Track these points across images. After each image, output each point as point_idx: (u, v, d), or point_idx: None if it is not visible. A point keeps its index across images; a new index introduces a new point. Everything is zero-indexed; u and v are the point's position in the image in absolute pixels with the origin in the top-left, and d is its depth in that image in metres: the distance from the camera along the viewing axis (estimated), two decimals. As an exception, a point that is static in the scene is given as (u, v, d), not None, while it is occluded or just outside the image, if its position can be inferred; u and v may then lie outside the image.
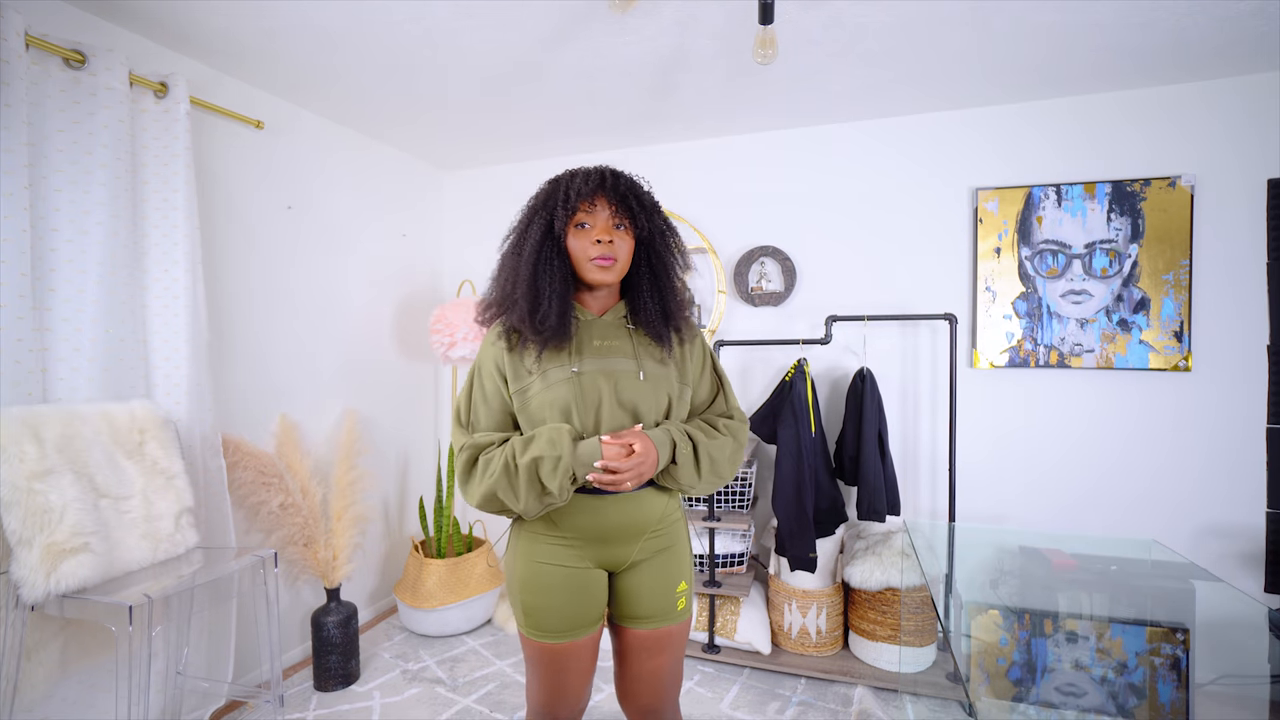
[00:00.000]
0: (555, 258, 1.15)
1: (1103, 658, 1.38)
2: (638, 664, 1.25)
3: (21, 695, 1.47)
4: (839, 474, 2.47)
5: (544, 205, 1.16)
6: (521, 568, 1.19)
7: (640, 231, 1.17)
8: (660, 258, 1.20)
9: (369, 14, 1.78)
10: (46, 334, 1.61)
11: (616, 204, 1.14)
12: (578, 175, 1.16)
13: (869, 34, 1.89)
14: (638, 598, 1.22)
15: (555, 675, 1.21)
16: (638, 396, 1.15)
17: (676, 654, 1.27)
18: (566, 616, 1.17)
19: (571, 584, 1.17)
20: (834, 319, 2.45)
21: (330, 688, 2.27)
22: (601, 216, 1.15)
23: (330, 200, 2.60)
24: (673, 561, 1.24)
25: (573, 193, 1.13)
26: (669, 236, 1.22)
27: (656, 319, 1.19)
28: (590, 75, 2.17)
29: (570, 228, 1.15)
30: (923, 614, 2.30)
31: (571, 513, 1.16)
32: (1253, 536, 2.17)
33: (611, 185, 1.14)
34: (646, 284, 1.20)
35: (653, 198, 1.20)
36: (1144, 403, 2.28)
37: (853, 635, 2.44)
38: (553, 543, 1.18)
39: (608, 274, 1.15)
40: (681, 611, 1.25)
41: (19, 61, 1.50)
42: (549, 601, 1.17)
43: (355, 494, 2.44)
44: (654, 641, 1.23)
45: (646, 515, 1.19)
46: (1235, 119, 2.17)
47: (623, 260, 1.16)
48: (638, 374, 1.16)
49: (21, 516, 1.35)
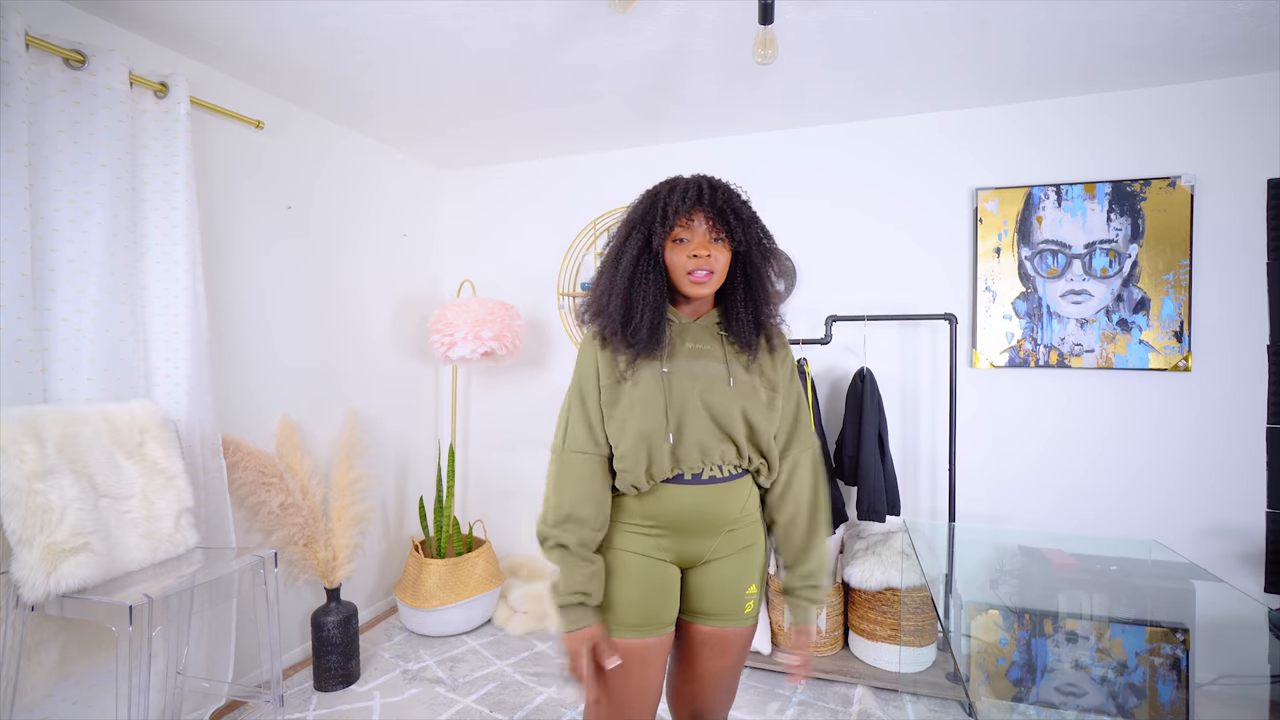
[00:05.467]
0: (651, 272, 1.16)
1: (1103, 658, 1.37)
2: (698, 663, 1.24)
3: (21, 695, 1.47)
4: (839, 474, 2.47)
5: (642, 220, 1.17)
6: (612, 560, 1.20)
7: (738, 245, 1.17)
8: (756, 268, 1.20)
9: (369, 14, 1.78)
10: (46, 334, 1.61)
11: (714, 218, 1.14)
12: (676, 189, 1.16)
13: (869, 34, 1.89)
14: (709, 593, 1.21)
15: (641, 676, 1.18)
16: (724, 402, 1.15)
17: (736, 659, 1.26)
18: (653, 610, 1.18)
19: (657, 577, 1.18)
20: (834, 319, 2.45)
21: (330, 688, 2.27)
22: (699, 230, 1.15)
23: (330, 200, 2.60)
24: (747, 563, 1.24)
25: (670, 209, 1.14)
26: (766, 245, 1.21)
27: (749, 328, 1.20)
28: (590, 75, 2.17)
29: (668, 242, 1.16)
30: (923, 614, 2.30)
31: (654, 498, 1.17)
32: (1253, 536, 2.17)
33: (709, 199, 1.14)
34: (741, 293, 1.20)
35: (751, 209, 1.20)
36: (1144, 403, 2.28)
37: (853, 635, 2.44)
38: (634, 530, 1.20)
39: (703, 288, 1.16)
40: (748, 615, 1.24)
41: (19, 61, 1.51)
42: (640, 595, 1.17)
43: (355, 494, 2.44)
44: (718, 641, 1.22)
45: (729, 507, 1.19)
46: (1235, 119, 2.17)
47: (719, 273, 1.16)
48: (728, 379, 1.17)
49: (21, 516, 1.35)
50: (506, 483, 3.19)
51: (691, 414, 1.15)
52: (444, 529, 2.79)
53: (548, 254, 3.06)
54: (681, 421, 1.15)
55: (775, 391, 1.21)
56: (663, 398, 1.14)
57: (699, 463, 1.15)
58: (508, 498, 3.18)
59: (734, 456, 1.18)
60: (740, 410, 1.15)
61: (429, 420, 3.24)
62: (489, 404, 3.22)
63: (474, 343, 2.63)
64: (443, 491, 2.86)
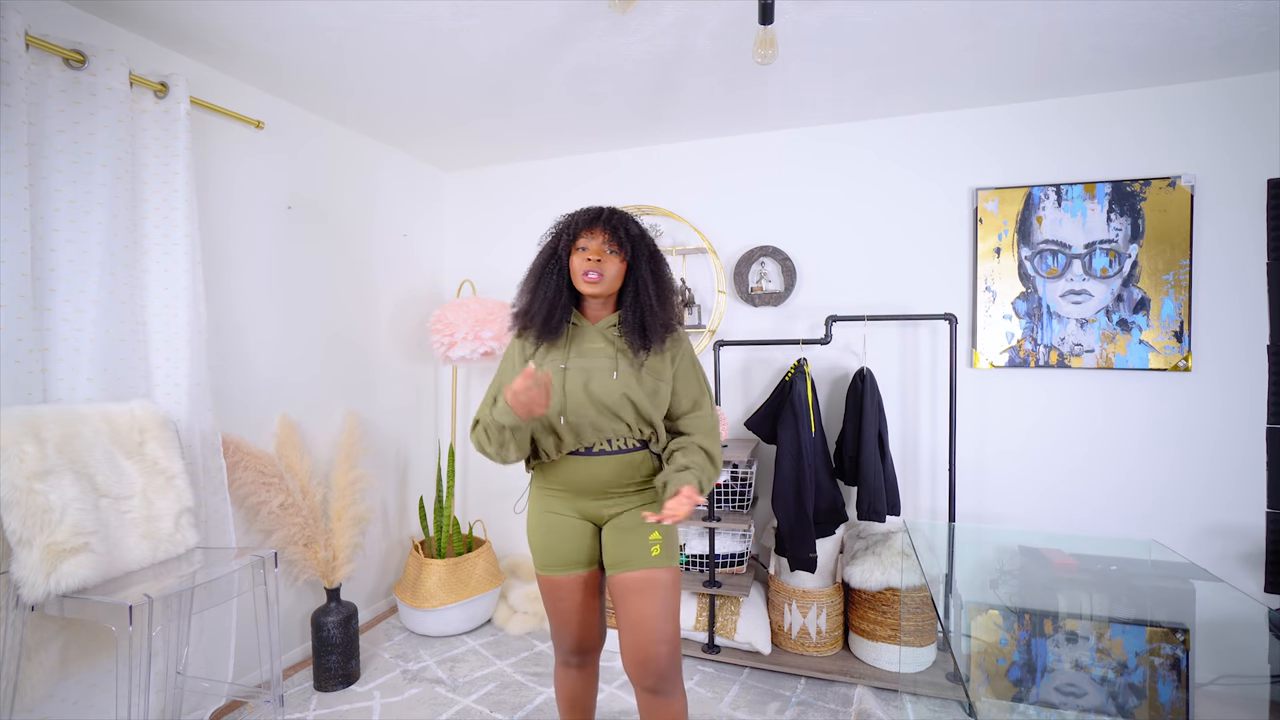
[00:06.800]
0: (555, 275, 1.46)
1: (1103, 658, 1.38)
2: (628, 612, 1.43)
3: (21, 695, 1.47)
4: (839, 474, 2.47)
5: (556, 234, 1.48)
6: (533, 517, 1.54)
7: (627, 256, 1.43)
8: (644, 279, 1.44)
9: (370, 14, 1.78)
10: (46, 334, 1.61)
11: (609, 232, 1.42)
12: (586, 212, 1.46)
13: (869, 34, 1.89)
14: (616, 545, 1.46)
15: (558, 604, 1.51)
16: (609, 390, 1.40)
17: (662, 601, 1.42)
18: (560, 554, 1.49)
19: (563, 528, 1.49)
20: (834, 319, 2.45)
21: (330, 688, 2.27)
22: (596, 241, 1.42)
23: (330, 200, 2.60)
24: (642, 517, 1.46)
25: (576, 223, 1.44)
26: (654, 261, 1.47)
27: (635, 329, 1.43)
28: (590, 75, 2.17)
29: (574, 249, 1.44)
30: (923, 614, 2.30)
31: (560, 467, 1.47)
32: (1253, 536, 2.17)
33: (606, 218, 1.43)
34: (630, 300, 1.45)
35: (641, 228, 1.47)
36: (1144, 403, 2.28)
37: (853, 635, 2.44)
38: (550, 494, 1.52)
39: (594, 287, 1.42)
40: (656, 558, 1.44)
41: (19, 61, 1.50)
42: (548, 542, 1.50)
43: (355, 494, 2.44)
44: (636, 584, 1.42)
45: (620, 474, 1.46)
46: (1234, 119, 2.17)
47: (609, 278, 1.42)
48: (612, 372, 1.42)
49: (21, 516, 1.35)
50: (506, 483, 3.19)
51: (581, 401, 1.40)
52: (444, 529, 2.79)
53: (548, 254, 3.06)
54: (574, 407, 1.40)
55: (662, 381, 1.45)
56: (559, 387, 1.41)
57: (593, 438, 1.42)
58: (507, 498, 3.18)
59: (626, 431, 1.43)
60: (623, 394, 1.40)
61: (429, 420, 3.24)
62: (489, 404, 3.22)
63: (474, 343, 2.63)
64: (443, 491, 2.86)
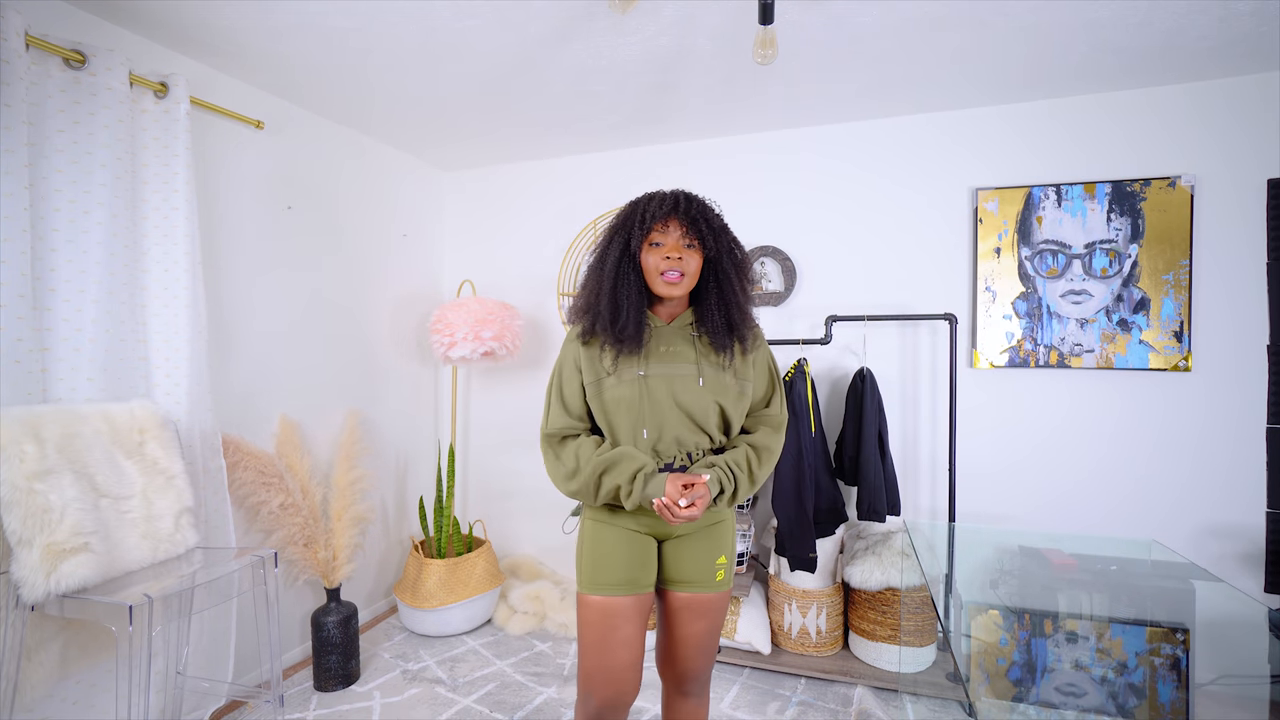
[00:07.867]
0: (631, 273, 1.30)
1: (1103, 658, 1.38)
2: (679, 626, 1.39)
3: (21, 695, 1.47)
4: (839, 474, 2.47)
5: (623, 226, 1.32)
6: (590, 529, 1.39)
7: (709, 251, 1.30)
8: (726, 274, 1.32)
9: (370, 14, 1.78)
10: (46, 334, 1.61)
11: (687, 225, 1.28)
12: (654, 199, 1.31)
13: (869, 34, 1.89)
14: (683, 563, 1.37)
15: (605, 635, 1.32)
16: (696, 399, 1.30)
17: (712, 622, 1.40)
18: (619, 571, 1.34)
19: (628, 544, 1.35)
20: (834, 319, 2.45)
21: (330, 688, 2.27)
22: (673, 236, 1.29)
23: (330, 200, 2.60)
24: (716, 537, 1.39)
25: (648, 215, 1.28)
26: (736, 253, 1.34)
27: (720, 329, 1.32)
28: (590, 75, 2.17)
29: (645, 245, 1.30)
30: (923, 614, 2.30)
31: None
32: (1253, 536, 2.17)
33: (684, 209, 1.28)
34: (714, 297, 1.33)
35: (722, 220, 1.34)
36: (1144, 403, 2.28)
37: (853, 635, 2.44)
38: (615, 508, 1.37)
39: (675, 288, 1.29)
40: (720, 582, 1.39)
41: (19, 61, 1.50)
42: (609, 559, 1.34)
43: (355, 494, 2.44)
44: (694, 605, 1.37)
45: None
46: (1234, 119, 2.17)
47: (690, 275, 1.30)
48: (697, 379, 1.30)
49: (21, 516, 1.35)
50: (506, 483, 3.19)
51: (667, 413, 1.29)
52: (444, 529, 2.79)
53: (548, 254, 3.07)
54: (657, 420, 1.30)
55: (746, 381, 1.35)
56: (639, 400, 1.29)
57: (674, 453, 1.31)
58: (508, 498, 3.18)
59: (707, 444, 1.34)
60: (714, 401, 1.30)
61: (429, 420, 3.24)
62: (489, 404, 3.22)
63: (474, 343, 2.63)
64: (443, 491, 2.86)
